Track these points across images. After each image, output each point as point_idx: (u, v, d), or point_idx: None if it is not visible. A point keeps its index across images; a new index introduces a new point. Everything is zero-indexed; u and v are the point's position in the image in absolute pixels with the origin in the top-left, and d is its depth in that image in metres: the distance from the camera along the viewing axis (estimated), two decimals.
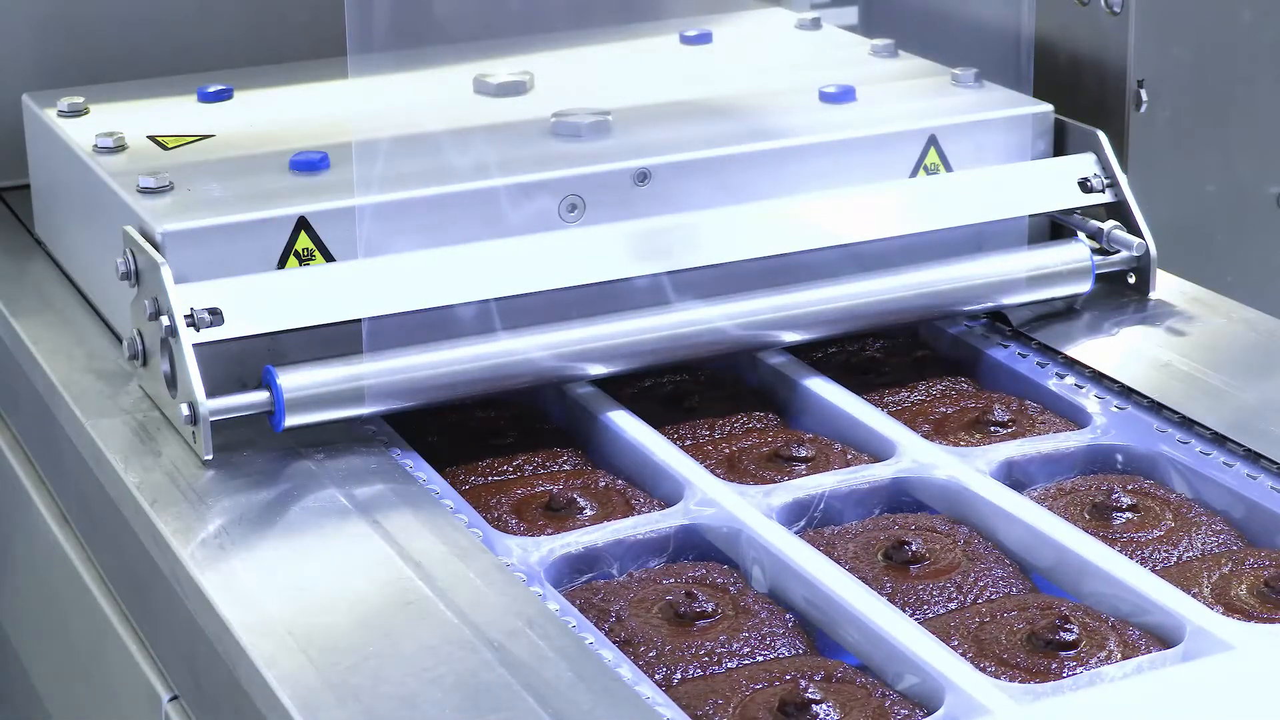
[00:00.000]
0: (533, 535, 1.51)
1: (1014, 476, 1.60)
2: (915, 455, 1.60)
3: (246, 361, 1.62)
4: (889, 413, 1.70)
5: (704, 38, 2.14)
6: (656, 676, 1.35)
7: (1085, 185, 1.87)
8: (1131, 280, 1.87)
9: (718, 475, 1.59)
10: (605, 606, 1.43)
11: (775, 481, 1.58)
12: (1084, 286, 1.84)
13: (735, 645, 1.38)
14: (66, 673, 1.87)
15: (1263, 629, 1.36)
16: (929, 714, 1.29)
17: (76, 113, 1.92)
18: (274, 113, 1.94)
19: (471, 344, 1.65)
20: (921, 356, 1.84)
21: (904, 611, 1.40)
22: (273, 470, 1.55)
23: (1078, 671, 1.32)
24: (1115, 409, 1.68)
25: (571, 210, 1.73)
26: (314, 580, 1.41)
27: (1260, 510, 1.53)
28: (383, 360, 1.61)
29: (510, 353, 1.66)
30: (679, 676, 1.36)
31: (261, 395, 1.58)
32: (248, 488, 1.53)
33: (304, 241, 1.66)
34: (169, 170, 1.73)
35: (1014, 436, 1.65)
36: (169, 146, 1.83)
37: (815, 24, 2.19)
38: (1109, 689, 1.30)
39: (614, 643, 1.37)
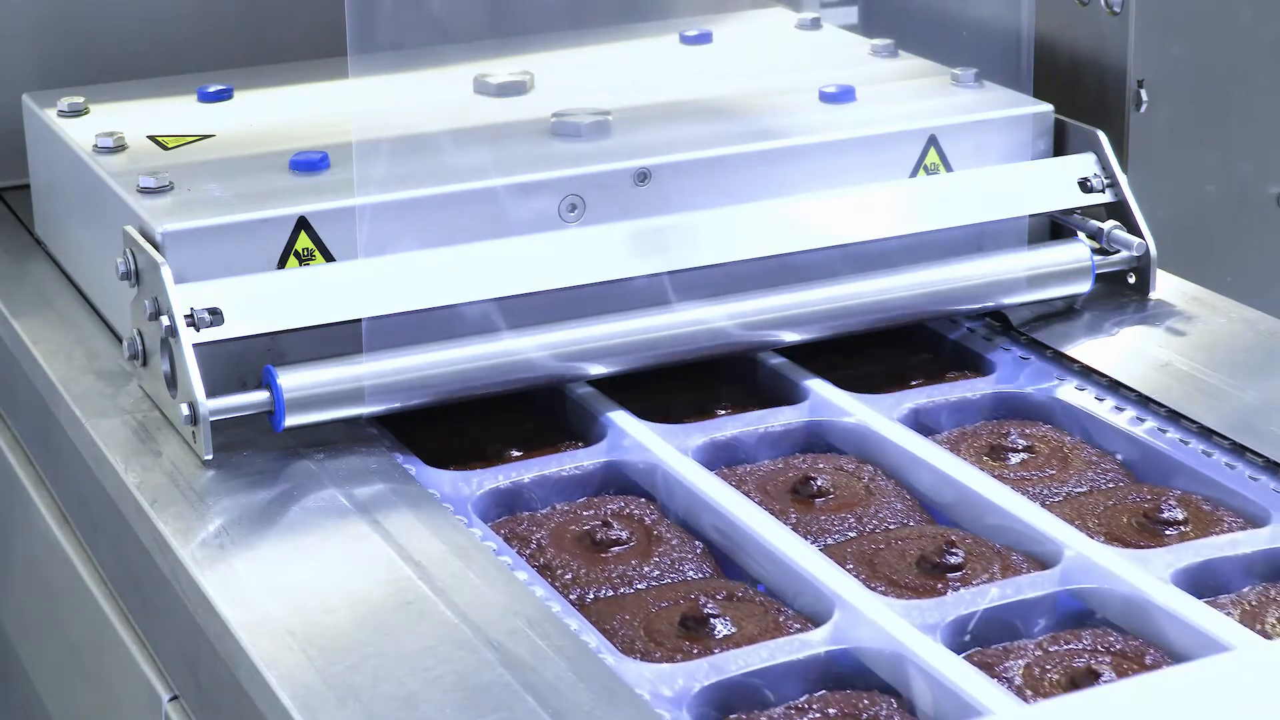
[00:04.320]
0: (465, 473, 1.59)
1: (921, 422, 1.69)
2: (827, 397, 1.71)
3: (246, 361, 1.62)
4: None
5: (704, 38, 2.14)
6: (571, 597, 1.44)
7: (1085, 185, 1.87)
8: (1131, 280, 1.87)
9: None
10: (527, 536, 1.51)
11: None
12: (1084, 286, 1.84)
13: (646, 569, 1.47)
14: (66, 673, 1.87)
15: (1262, 637, 1.36)
16: (822, 629, 1.38)
17: (76, 113, 1.92)
18: (274, 113, 1.94)
19: (471, 344, 1.65)
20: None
21: (806, 540, 1.49)
22: (273, 470, 1.55)
23: (960, 590, 1.41)
24: (1020, 359, 1.78)
25: (572, 210, 1.73)
26: (314, 580, 1.41)
27: (1150, 450, 1.63)
28: (383, 360, 1.61)
29: (510, 353, 1.66)
30: (591, 596, 1.45)
31: (261, 395, 1.58)
32: (248, 488, 1.53)
33: (304, 241, 1.66)
34: (169, 170, 1.73)
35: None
36: (169, 146, 1.83)
37: (815, 24, 2.19)
38: (1107, 690, 1.30)
39: (534, 567, 1.46)
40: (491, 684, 1.28)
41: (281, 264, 1.65)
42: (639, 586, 1.46)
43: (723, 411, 1.72)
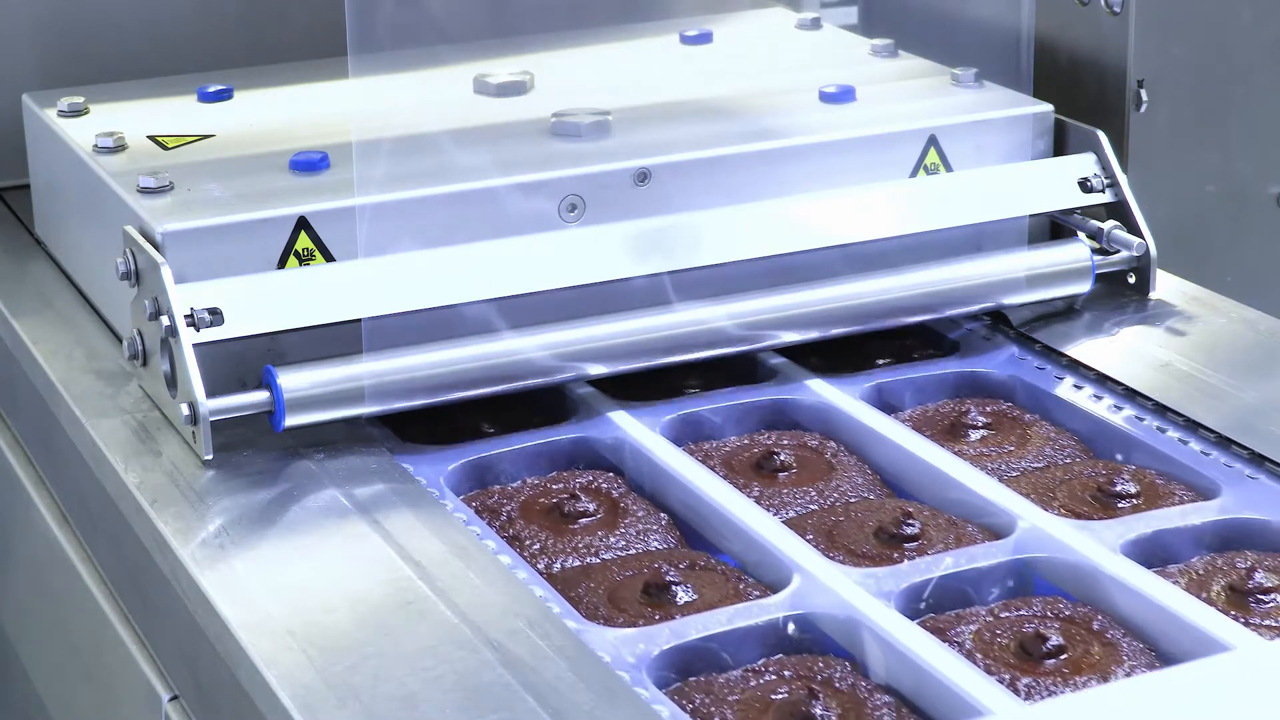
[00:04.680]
0: (439, 451, 1.62)
1: (885, 400, 1.74)
2: (794, 377, 1.75)
3: (246, 361, 1.62)
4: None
5: (704, 38, 2.14)
6: (539, 566, 1.48)
7: (1085, 185, 1.87)
8: (1131, 280, 1.87)
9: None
10: (498, 508, 1.56)
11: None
12: (1084, 286, 1.84)
13: (612, 540, 1.51)
14: (66, 673, 1.87)
15: (1259, 634, 1.37)
16: (781, 596, 1.42)
17: (76, 113, 1.92)
18: (274, 113, 1.94)
19: (471, 344, 1.65)
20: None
21: (768, 512, 1.53)
22: (273, 470, 1.55)
23: (915, 559, 1.45)
24: (984, 338, 1.82)
25: (571, 210, 1.73)
26: (314, 580, 1.41)
27: (1106, 427, 1.67)
28: (383, 360, 1.61)
29: (510, 353, 1.66)
30: (558, 566, 1.49)
31: (261, 395, 1.58)
32: (248, 488, 1.53)
33: (304, 241, 1.66)
34: (169, 170, 1.73)
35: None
36: (169, 146, 1.83)
37: (815, 24, 2.19)
38: (1107, 689, 1.30)
39: (503, 538, 1.50)
40: (491, 684, 1.28)
41: (281, 264, 1.65)
42: (605, 557, 1.50)
43: (692, 390, 1.75)
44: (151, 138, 1.85)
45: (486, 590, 1.39)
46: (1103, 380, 1.73)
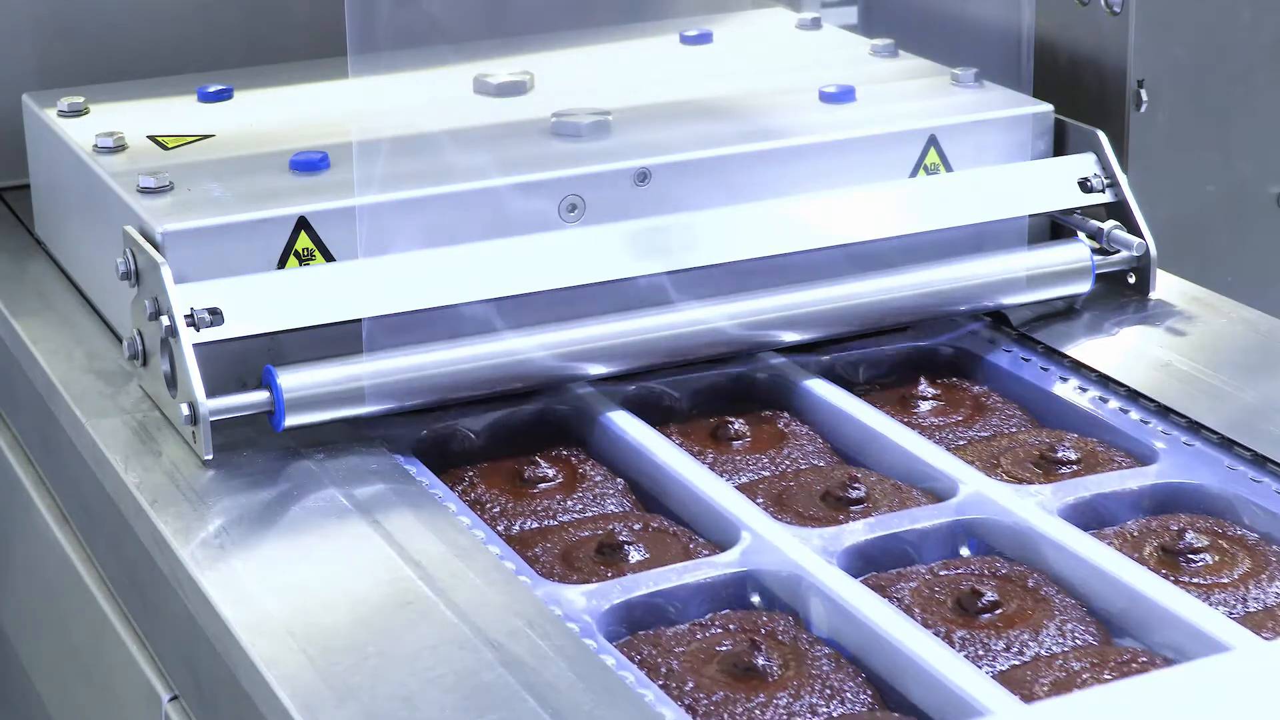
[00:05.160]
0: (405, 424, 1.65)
1: (838, 374, 1.80)
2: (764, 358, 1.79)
3: (246, 361, 1.62)
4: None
5: (704, 38, 2.14)
6: (499, 529, 1.54)
7: (1085, 185, 1.87)
8: (1131, 280, 1.87)
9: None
10: (460, 475, 1.61)
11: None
12: (1084, 286, 1.84)
13: (569, 503, 1.57)
14: (66, 673, 1.87)
15: (1262, 636, 1.37)
16: (728, 554, 1.48)
17: (76, 113, 1.92)
18: (274, 113, 1.94)
19: (471, 344, 1.65)
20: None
21: (721, 477, 1.59)
22: (273, 470, 1.55)
23: (857, 519, 1.52)
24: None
25: (571, 210, 1.73)
26: (314, 580, 1.41)
27: (1051, 398, 1.75)
28: (383, 360, 1.61)
29: (510, 353, 1.66)
30: (517, 528, 1.55)
31: (261, 395, 1.58)
32: (248, 488, 1.53)
33: (304, 241, 1.66)
34: (169, 170, 1.73)
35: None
36: (169, 146, 1.83)
37: (815, 24, 2.19)
38: (1107, 689, 1.31)
39: (464, 502, 1.56)
40: (491, 684, 1.28)
41: (281, 264, 1.65)
42: (562, 519, 1.56)
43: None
44: (151, 138, 1.85)
45: (486, 590, 1.39)
46: (1103, 380, 1.73)
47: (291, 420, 1.58)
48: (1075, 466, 1.61)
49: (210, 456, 1.56)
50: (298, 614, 1.36)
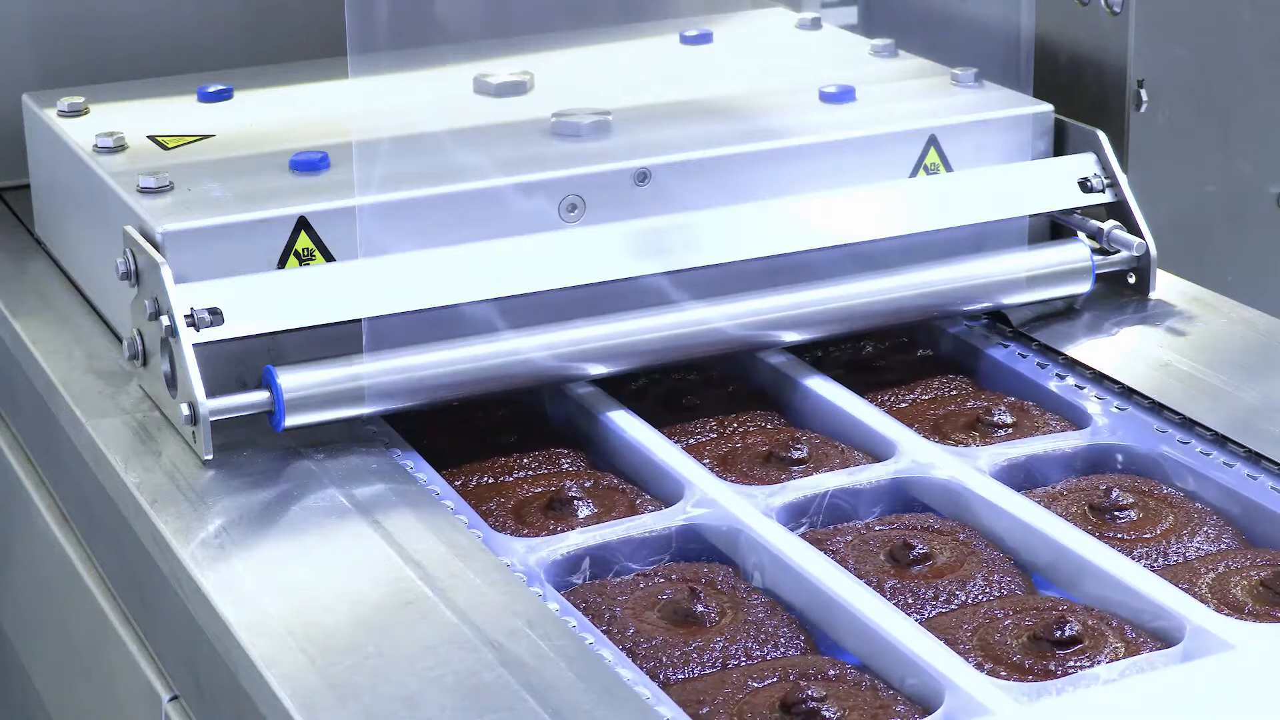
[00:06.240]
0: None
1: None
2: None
3: (246, 361, 1.62)
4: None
5: (704, 38, 2.14)
6: (455, 484, 1.60)
7: (1085, 185, 1.87)
8: (1131, 280, 1.87)
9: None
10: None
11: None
12: (1084, 286, 1.84)
13: (525, 461, 1.64)
14: (66, 673, 1.87)
15: (1262, 628, 1.36)
16: (672, 509, 1.54)
17: (76, 113, 1.92)
18: (274, 113, 1.94)
19: (471, 344, 1.65)
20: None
21: (670, 440, 1.65)
22: (273, 470, 1.55)
23: (798, 478, 1.59)
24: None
25: (571, 210, 1.73)
26: (314, 580, 1.41)
27: (994, 362, 1.80)
28: (383, 360, 1.61)
29: (510, 353, 1.66)
30: (474, 484, 1.61)
31: (261, 395, 1.58)
32: (248, 488, 1.53)
33: (304, 241, 1.66)
34: (169, 170, 1.73)
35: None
36: (169, 146, 1.83)
37: (815, 24, 2.19)
38: (1107, 690, 1.31)
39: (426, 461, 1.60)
40: (491, 684, 1.28)
41: (281, 264, 1.65)
42: (517, 475, 1.63)
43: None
44: (151, 138, 1.85)
45: (486, 590, 1.39)
46: (1101, 380, 1.73)
47: (291, 420, 1.58)
48: (1011, 429, 1.67)
49: (210, 456, 1.56)
50: (298, 614, 1.36)
